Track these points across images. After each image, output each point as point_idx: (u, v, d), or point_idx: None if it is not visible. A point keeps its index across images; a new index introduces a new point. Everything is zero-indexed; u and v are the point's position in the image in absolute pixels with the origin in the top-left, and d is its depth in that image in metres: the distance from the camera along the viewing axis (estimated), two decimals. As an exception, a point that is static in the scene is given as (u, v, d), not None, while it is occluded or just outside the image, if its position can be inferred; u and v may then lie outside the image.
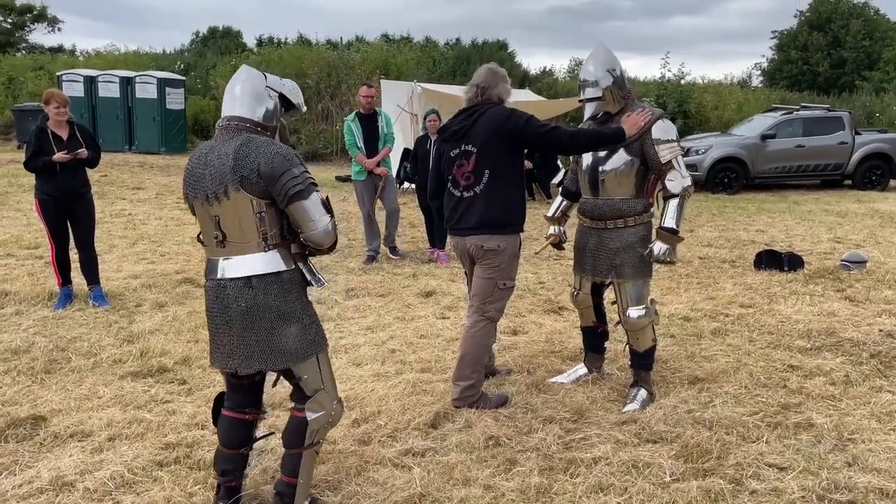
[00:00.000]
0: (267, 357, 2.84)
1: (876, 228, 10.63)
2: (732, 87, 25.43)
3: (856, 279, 7.19)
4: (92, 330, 5.39)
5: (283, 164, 2.74)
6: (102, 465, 3.40)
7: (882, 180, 15.72)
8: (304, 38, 31.36)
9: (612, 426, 3.91)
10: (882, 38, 34.54)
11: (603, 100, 4.16)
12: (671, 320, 5.83)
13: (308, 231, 2.84)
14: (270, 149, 2.76)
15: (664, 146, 4.08)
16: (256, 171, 2.72)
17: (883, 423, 3.97)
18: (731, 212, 12.47)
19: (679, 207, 4.11)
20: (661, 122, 4.11)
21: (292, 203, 2.77)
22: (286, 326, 2.84)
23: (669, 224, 4.08)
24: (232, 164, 2.73)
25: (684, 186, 4.11)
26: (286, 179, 2.74)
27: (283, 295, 2.84)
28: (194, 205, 2.88)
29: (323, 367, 2.97)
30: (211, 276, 2.88)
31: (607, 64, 4.15)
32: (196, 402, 4.16)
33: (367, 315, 5.97)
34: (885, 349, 5.13)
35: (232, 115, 2.88)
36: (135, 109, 19.86)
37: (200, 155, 2.86)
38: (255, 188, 2.74)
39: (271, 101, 2.93)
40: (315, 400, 2.94)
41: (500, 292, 4.17)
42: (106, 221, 9.69)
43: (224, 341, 2.87)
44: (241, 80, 2.92)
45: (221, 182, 2.75)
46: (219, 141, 2.84)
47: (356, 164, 8.02)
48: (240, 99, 2.88)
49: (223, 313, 2.84)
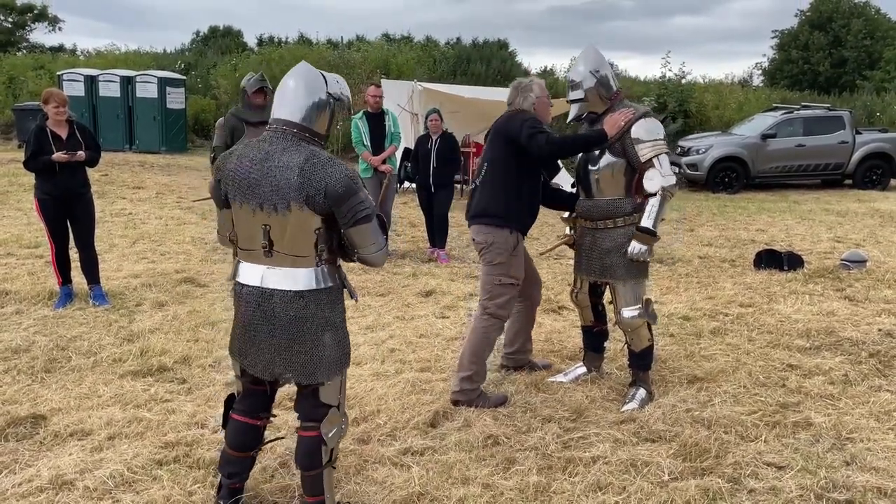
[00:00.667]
0: (309, 368, 2.81)
1: (876, 228, 10.63)
2: (733, 86, 25.40)
3: (855, 278, 7.20)
4: (92, 329, 5.39)
5: (351, 187, 2.69)
6: (102, 463, 3.41)
7: (882, 180, 15.72)
8: (304, 37, 31.36)
9: (611, 425, 3.92)
10: (883, 38, 34.51)
11: (586, 101, 4.21)
12: (670, 319, 5.84)
13: (368, 252, 2.84)
14: (339, 170, 2.68)
15: (645, 145, 4.05)
16: (323, 193, 2.65)
17: (881, 422, 3.98)
18: (731, 211, 12.47)
19: (656, 207, 4.08)
20: (644, 121, 4.09)
21: (357, 226, 2.74)
22: (327, 335, 2.82)
23: (646, 224, 4.08)
24: (298, 181, 2.64)
25: (662, 186, 4.06)
26: (354, 203, 2.70)
27: (331, 307, 2.84)
28: (238, 208, 2.78)
29: (343, 381, 2.97)
30: (250, 283, 2.81)
31: (592, 65, 4.19)
32: (196, 402, 4.17)
33: (367, 314, 5.98)
34: (884, 348, 5.13)
35: (290, 122, 2.75)
36: (135, 109, 19.85)
37: (254, 158, 2.72)
38: (320, 207, 2.68)
39: (329, 108, 2.83)
40: (328, 420, 2.89)
41: (497, 288, 4.22)
42: (106, 221, 9.69)
43: (263, 350, 2.82)
44: (298, 80, 2.79)
45: (284, 197, 2.66)
46: (275, 146, 2.72)
47: (362, 161, 8.04)
48: (298, 103, 2.76)
49: (268, 322, 2.79)
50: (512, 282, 4.25)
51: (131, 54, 27.93)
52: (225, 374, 4.55)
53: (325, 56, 23.61)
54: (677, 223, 10.99)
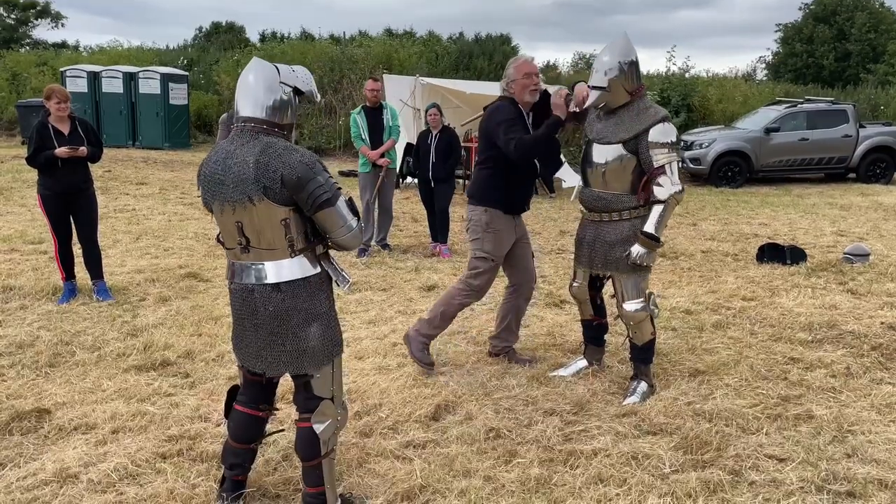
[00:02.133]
0: (295, 360, 2.84)
1: (879, 221, 10.61)
2: (737, 80, 25.32)
3: (858, 272, 7.19)
4: (96, 324, 5.42)
5: (306, 172, 2.68)
6: (106, 457, 3.43)
7: (886, 173, 15.67)
8: (307, 33, 31.35)
9: (613, 418, 3.93)
10: (887, 31, 34.39)
11: (608, 90, 4.12)
12: (673, 313, 5.84)
13: (337, 236, 2.84)
14: (292, 157, 2.68)
15: (659, 150, 4.03)
16: (279, 181, 2.66)
17: (883, 414, 3.99)
18: (734, 205, 12.46)
19: (662, 214, 4.07)
20: (662, 125, 4.06)
21: (320, 211, 2.75)
22: (312, 326, 2.83)
23: (649, 230, 4.07)
24: (253, 173, 2.66)
25: (671, 193, 4.05)
26: (312, 188, 2.70)
27: (311, 297, 2.84)
28: (213, 209, 2.82)
29: (336, 371, 2.96)
30: (236, 280, 2.86)
31: (621, 55, 4.10)
32: (199, 396, 4.19)
33: (370, 309, 5.99)
34: (886, 341, 5.13)
35: (247, 117, 2.78)
36: (138, 105, 19.91)
37: (218, 159, 2.77)
38: (280, 197, 2.69)
39: (286, 98, 2.81)
40: (320, 412, 2.90)
41: (473, 261, 4.62)
42: (110, 216, 9.73)
43: (252, 343, 2.87)
44: (253, 75, 2.80)
45: (244, 191, 2.68)
46: (236, 144, 2.75)
47: (362, 156, 8.06)
48: (252, 97, 2.77)
49: (252, 317, 2.83)
50: (485, 256, 4.55)
51: (134, 50, 27.96)
52: (228, 369, 4.57)
53: (328, 51, 23.60)
54: (680, 217, 10.98)
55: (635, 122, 4.10)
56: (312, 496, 2.96)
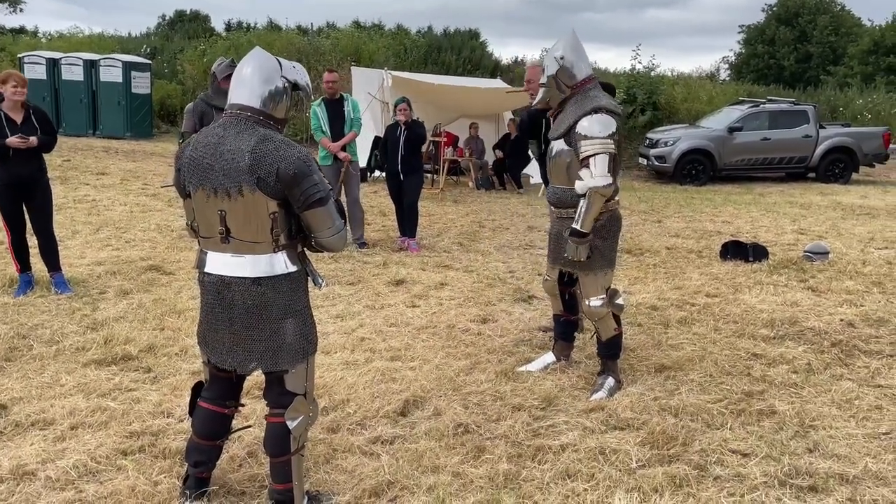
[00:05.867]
0: (271, 356, 2.79)
1: (838, 221, 10.84)
2: (702, 80, 25.67)
3: (818, 270, 7.33)
4: (54, 317, 5.28)
5: (304, 169, 2.64)
6: (65, 453, 3.34)
7: (845, 174, 16.01)
8: (273, 23, 30.99)
9: (580, 413, 3.94)
10: (847, 34, 35.17)
11: (548, 86, 4.21)
12: (638, 309, 5.89)
13: (324, 237, 2.80)
14: (290, 152, 2.64)
15: (585, 142, 3.97)
16: (275, 175, 2.61)
17: (843, 410, 4.06)
18: (697, 203, 12.62)
19: (584, 209, 4.00)
20: (592, 116, 3.99)
21: (311, 209, 2.70)
22: (290, 322, 2.79)
23: (575, 226, 4.05)
24: (249, 163, 2.60)
25: (590, 187, 3.95)
26: (306, 186, 2.66)
27: (291, 293, 2.80)
28: (194, 195, 2.74)
29: (310, 367, 2.92)
30: (209, 271, 2.78)
31: (559, 51, 4.15)
32: (161, 391, 4.11)
33: (337, 303, 5.94)
34: (845, 338, 5.24)
35: (243, 105, 2.71)
36: (99, 93, 19.46)
37: (208, 143, 2.69)
38: (272, 190, 2.64)
39: (285, 92, 2.78)
40: (293, 408, 2.85)
41: None
42: (69, 207, 9.49)
43: (224, 338, 2.80)
44: (254, 64, 2.74)
45: (235, 180, 2.62)
46: (229, 131, 2.68)
47: (322, 148, 7.97)
48: (251, 86, 2.72)
49: (226, 310, 2.76)
50: None
51: (95, 37, 27.35)
52: (191, 363, 4.48)
53: (295, 42, 23.36)
54: (645, 214, 11.10)
55: (571, 115, 4.11)
56: (280, 493, 2.92)
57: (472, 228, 9.68)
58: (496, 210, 11.45)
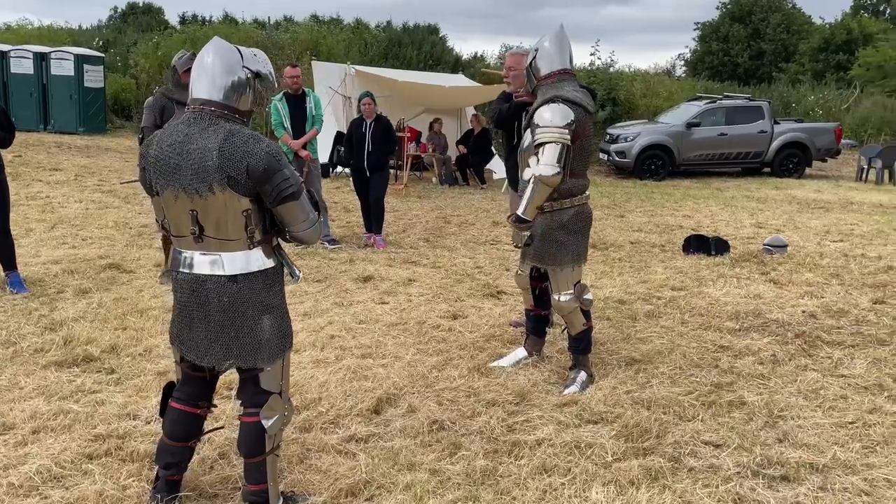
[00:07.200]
0: (249, 353, 2.72)
1: (794, 214, 11.08)
2: (660, 76, 26.04)
3: (778, 262, 7.48)
4: (10, 318, 5.10)
5: (273, 164, 2.57)
6: (27, 458, 3.22)
7: (798, 168, 16.37)
8: (230, 16, 30.50)
9: (554, 408, 3.95)
10: (799, 32, 36.03)
11: (526, 78, 4.32)
12: (606, 303, 5.93)
13: (298, 230, 2.75)
14: (258, 147, 2.56)
15: (539, 130, 3.99)
16: (245, 172, 2.54)
17: (810, 400, 4.14)
18: (658, 198, 12.79)
19: (529, 195, 3.99)
20: (547, 105, 4.00)
21: (283, 204, 2.65)
22: (266, 319, 2.73)
23: (517, 211, 4.06)
24: (217, 162, 2.52)
25: (534, 175, 3.94)
26: (278, 181, 2.59)
27: (267, 290, 2.74)
28: (163, 194, 2.65)
29: (285, 366, 2.87)
30: (183, 270, 2.70)
31: (539, 43, 4.21)
32: (126, 392, 3.99)
33: (304, 301, 5.85)
34: (808, 329, 5.34)
35: (205, 99, 2.62)
36: (50, 87, 18.87)
37: (173, 143, 2.59)
38: (243, 188, 2.57)
39: (248, 83, 2.67)
40: (268, 406, 2.79)
41: None
42: (21, 204, 9.19)
43: (200, 336, 2.72)
44: (214, 55, 2.64)
45: (205, 180, 2.54)
46: (194, 128, 2.59)
47: (282, 144, 7.81)
48: (212, 79, 2.61)
49: (201, 308, 2.69)
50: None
51: (45, 30, 26.59)
52: (156, 364, 4.37)
53: (253, 36, 23.01)
54: (608, 209, 11.20)
55: (536, 105, 4.14)
56: (254, 494, 2.86)
57: (437, 224, 9.65)
58: (460, 206, 11.43)
